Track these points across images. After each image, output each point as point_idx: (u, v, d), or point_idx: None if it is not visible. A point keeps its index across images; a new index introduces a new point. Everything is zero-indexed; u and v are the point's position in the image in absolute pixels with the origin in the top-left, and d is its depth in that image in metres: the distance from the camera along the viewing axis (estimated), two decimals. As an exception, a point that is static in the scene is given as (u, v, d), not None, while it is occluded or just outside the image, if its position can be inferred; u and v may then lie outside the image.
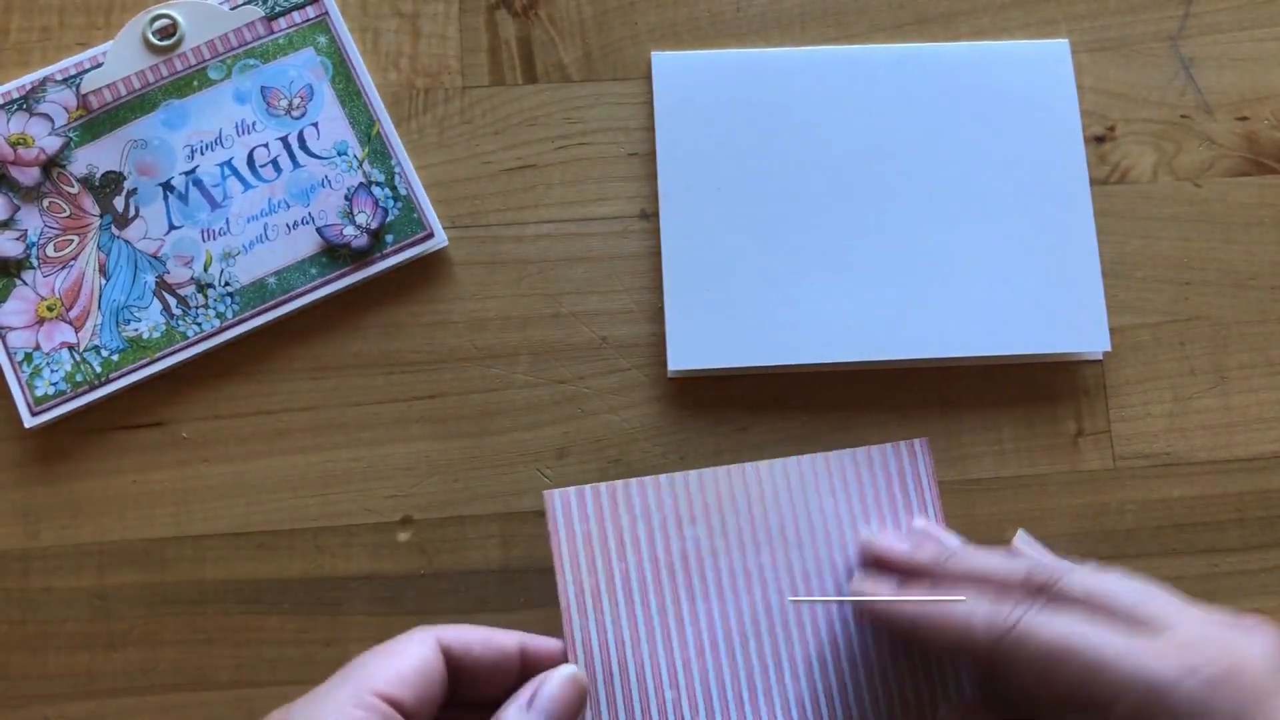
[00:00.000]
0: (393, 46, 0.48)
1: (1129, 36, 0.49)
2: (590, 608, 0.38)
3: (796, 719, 0.38)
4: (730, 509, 0.39)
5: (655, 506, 0.39)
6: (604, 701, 0.37)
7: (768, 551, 0.39)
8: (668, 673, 0.38)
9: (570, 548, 0.38)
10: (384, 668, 0.32)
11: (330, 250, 0.45)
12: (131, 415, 0.45)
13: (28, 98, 0.46)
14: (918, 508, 0.40)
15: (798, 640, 0.39)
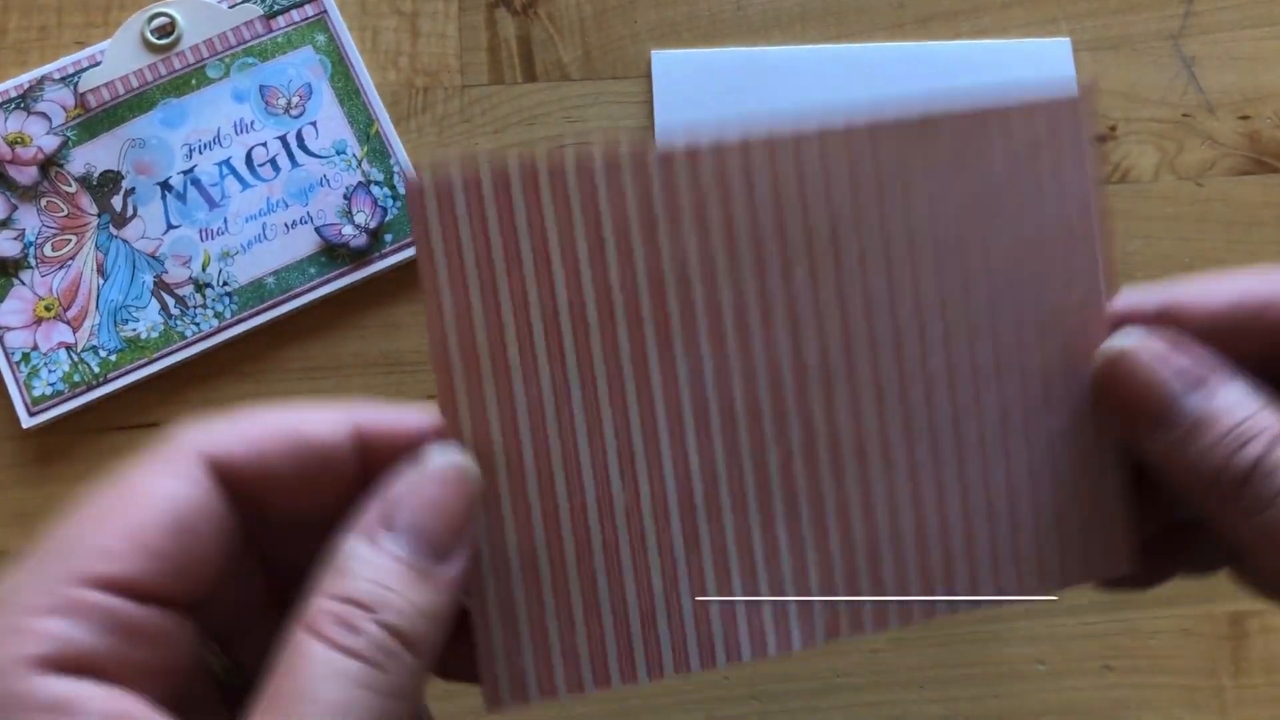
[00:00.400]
0: (392, 45, 0.48)
1: (1130, 35, 0.49)
2: (487, 367, 0.23)
3: (814, 544, 0.25)
4: (745, 196, 0.24)
5: (609, 200, 0.23)
6: (506, 504, 0.23)
7: (814, 266, 0.24)
8: (618, 463, 0.24)
9: (452, 268, 0.23)
10: (109, 526, 0.20)
11: (329, 250, 0.45)
12: (129, 415, 0.45)
13: (25, 96, 0.46)
14: (1062, 192, 0.25)
15: (856, 409, 0.24)
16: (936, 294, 0.25)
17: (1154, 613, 0.44)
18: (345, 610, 0.19)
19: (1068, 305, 0.25)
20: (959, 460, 0.25)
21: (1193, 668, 0.44)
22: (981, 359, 0.25)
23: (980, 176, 0.25)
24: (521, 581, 0.23)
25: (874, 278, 0.24)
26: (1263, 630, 0.44)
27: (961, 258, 0.25)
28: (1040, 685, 0.44)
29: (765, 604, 0.24)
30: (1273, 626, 0.44)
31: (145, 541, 0.20)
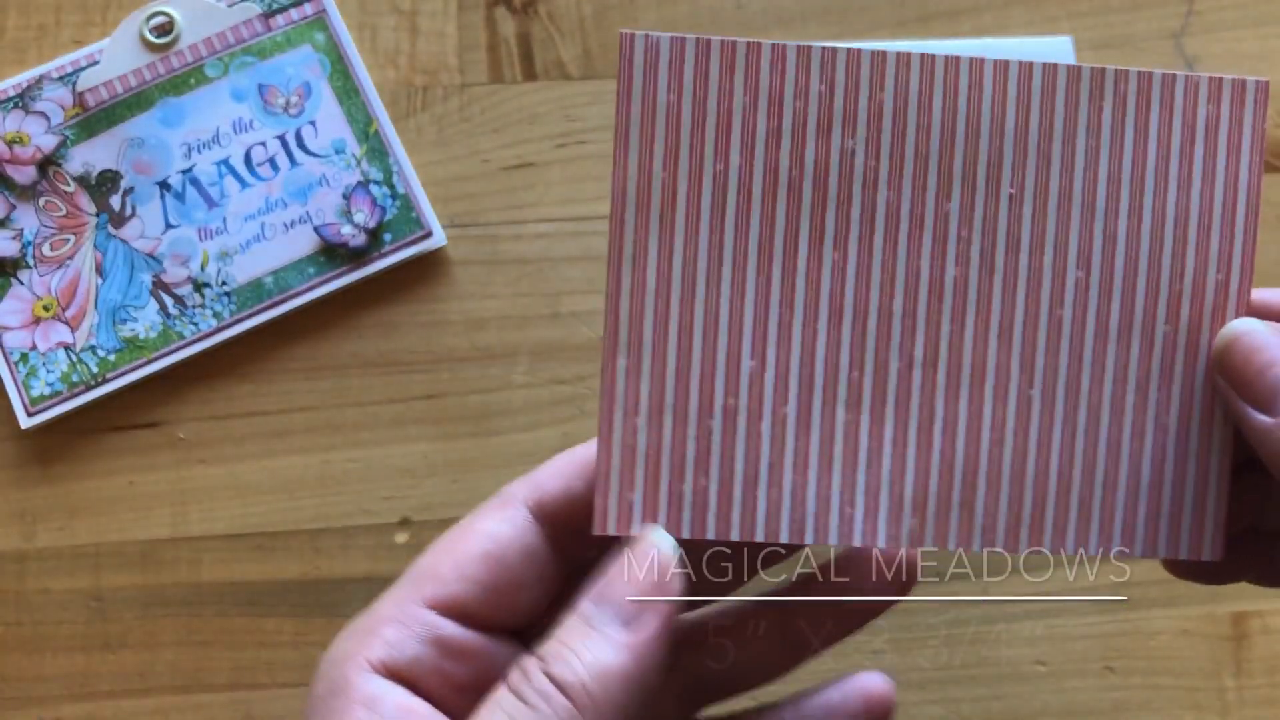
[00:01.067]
0: (391, 44, 0.48)
1: (1132, 34, 0.49)
2: (656, 217, 0.25)
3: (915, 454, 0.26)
4: (921, 120, 0.25)
5: (794, 90, 0.25)
6: (647, 352, 0.25)
7: (968, 195, 0.25)
8: (752, 335, 0.25)
9: (644, 122, 0.25)
10: (446, 559, 0.25)
11: (328, 249, 0.45)
12: (128, 416, 0.45)
13: (24, 95, 0.45)
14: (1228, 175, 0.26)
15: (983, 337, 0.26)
16: (1079, 248, 0.26)
17: (1155, 613, 0.44)
18: (529, 665, 0.23)
19: (1206, 284, 0.26)
20: (1069, 407, 0.26)
21: (1194, 669, 0.44)
22: (1111, 317, 0.26)
23: (1147, 141, 0.26)
24: (646, 427, 0.25)
25: (1022, 219, 0.25)
26: (1264, 631, 0.44)
27: (1110, 220, 0.26)
28: (1041, 686, 0.44)
29: (860, 496, 0.25)
30: (1274, 627, 0.44)
31: (467, 570, 0.25)
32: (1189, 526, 0.26)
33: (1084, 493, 0.26)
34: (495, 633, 0.26)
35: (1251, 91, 0.26)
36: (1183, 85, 0.26)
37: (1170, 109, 0.26)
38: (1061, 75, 0.25)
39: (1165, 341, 0.26)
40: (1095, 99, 0.25)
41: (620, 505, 0.25)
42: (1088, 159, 0.25)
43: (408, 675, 0.25)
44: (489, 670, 0.25)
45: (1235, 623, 0.44)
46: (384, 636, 0.25)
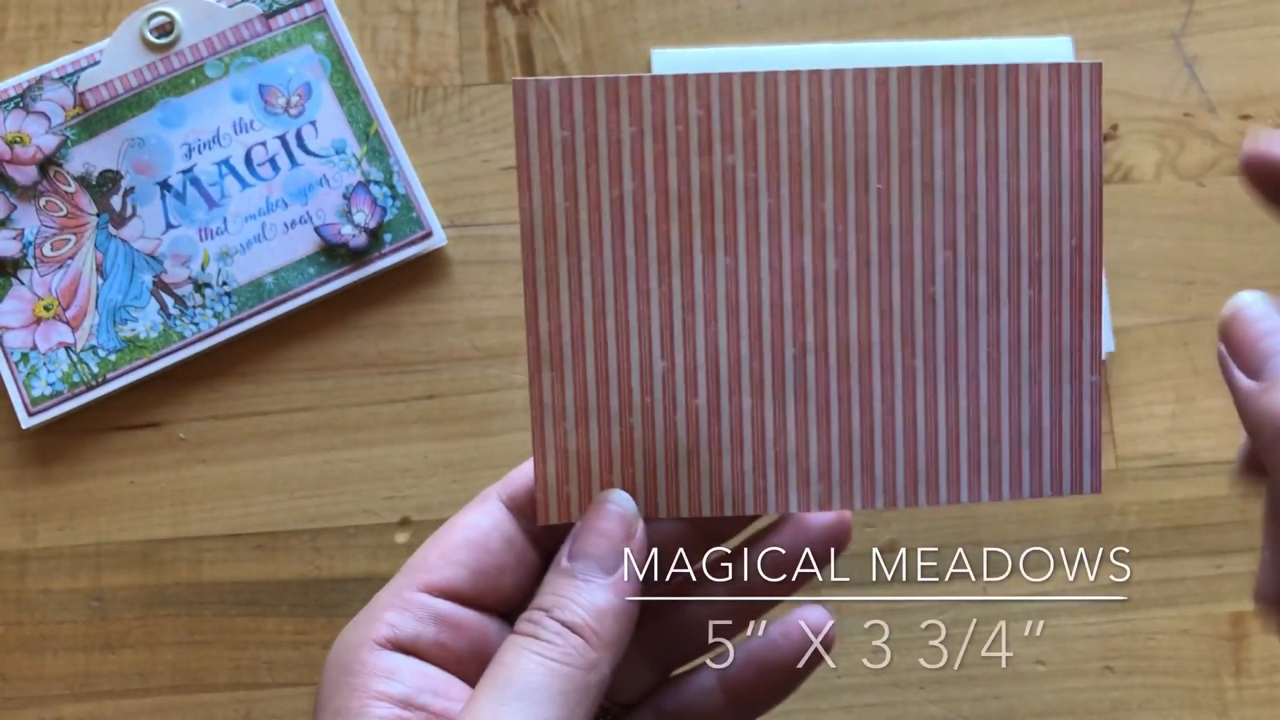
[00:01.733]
0: (391, 44, 0.48)
1: (1131, 35, 0.49)
2: (563, 243, 0.28)
3: (816, 430, 0.28)
4: (791, 131, 0.27)
5: (674, 116, 0.27)
6: (568, 365, 0.28)
7: (840, 194, 0.28)
8: (660, 339, 0.28)
9: (543, 159, 0.27)
10: (431, 551, 0.29)
11: (328, 249, 0.45)
12: (128, 416, 0.45)
13: (24, 96, 0.45)
14: (1071, 150, 0.28)
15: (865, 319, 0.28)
16: (944, 230, 0.28)
17: (1155, 613, 0.44)
18: (535, 615, 0.27)
19: (1062, 250, 0.29)
20: (949, 373, 0.29)
21: (1194, 668, 0.44)
22: (979, 289, 0.28)
23: (997, 128, 0.28)
24: (574, 430, 0.28)
25: (890, 211, 0.28)
26: (1263, 631, 0.44)
27: (969, 202, 0.28)
28: (1040, 686, 0.44)
29: (770, 470, 0.28)
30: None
31: (453, 557, 0.28)
32: (1069, 466, 0.29)
33: (971, 448, 0.29)
34: (485, 612, 0.29)
35: (1087, 74, 0.28)
36: (1025, 74, 0.28)
37: (1015, 97, 0.28)
38: (915, 77, 0.28)
39: (1031, 305, 0.29)
40: (947, 95, 0.28)
41: (559, 498, 0.28)
42: (945, 150, 0.28)
43: (413, 649, 0.28)
44: (483, 643, 0.28)
45: (1234, 623, 0.44)
46: (386, 620, 0.28)
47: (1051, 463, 0.29)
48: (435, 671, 0.28)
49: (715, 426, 0.28)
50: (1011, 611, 0.44)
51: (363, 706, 0.26)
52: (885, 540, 0.44)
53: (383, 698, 0.26)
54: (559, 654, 0.26)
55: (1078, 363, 0.29)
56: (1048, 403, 0.29)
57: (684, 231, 0.28)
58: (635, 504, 0.28)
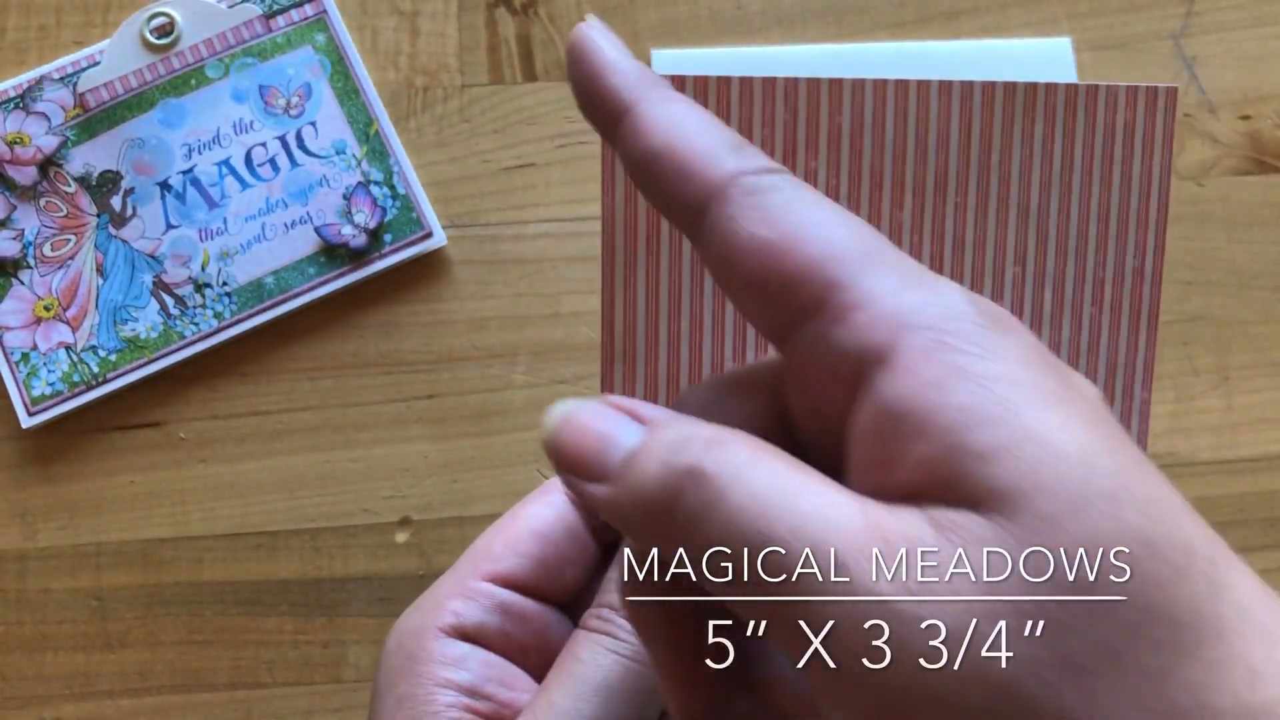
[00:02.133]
0: (391, 45, 0.48)
1: (1131, 35, 0.49)
2: (643, 242, 0.27)
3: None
4: (875, 139, 0.28)
5: (761, 120, 0.27)
6: (640, 361, 0.28)
7: (918, 204, 0.28)
8: (732, 341, 0.28)
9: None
10: (495, 540, 0.28)
11: (328, 250, 0.45)
12: (129, 415, 0.45)
13: (24, 96, 0.46)
14: (1143, 172, 0.29)
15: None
16: (1016, 246, 0.29)
17: (1154, 613, 0.44)
18: (605, 613, 0.26)
19: (1125, 270, 0.29)
20: None
21: (1193, 668, 0.44)
22: (1045, 304, 0.29)
23: (1073, 147, 0.29)
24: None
25: (966, 224, 0.29)
26: None
27: (1042, 219, 0.29)
28: (1040, 686, 0.44)
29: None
30: (1273, 627, 0.44)
31: (517, 547, 0.28)
32: None
33: None
34: (546, 603, 0.29)
35: (1162, 97, 0.29)
36: (1102, 95, 0.28)
37: (1093, 116, 0.29)
38: (998, 92, 0.28)
39: (1091, 322, 0.29)
40: (1028, 112, 0.28)
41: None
42: (1022, 167, 0.28)
43: (477, 638, 0.27)
44: (547, 635, 0.28)
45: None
46: (450, 608, 0.27)
47: None
48: (500, 661, 0.27)
49: None
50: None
51: (429, 694, 0.26)
52: (885, 540, 0.44)
53: (450, 685, 0.26)
54: (633, 653, 0.26)
55: (1130, 379, 0.29)
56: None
57: None
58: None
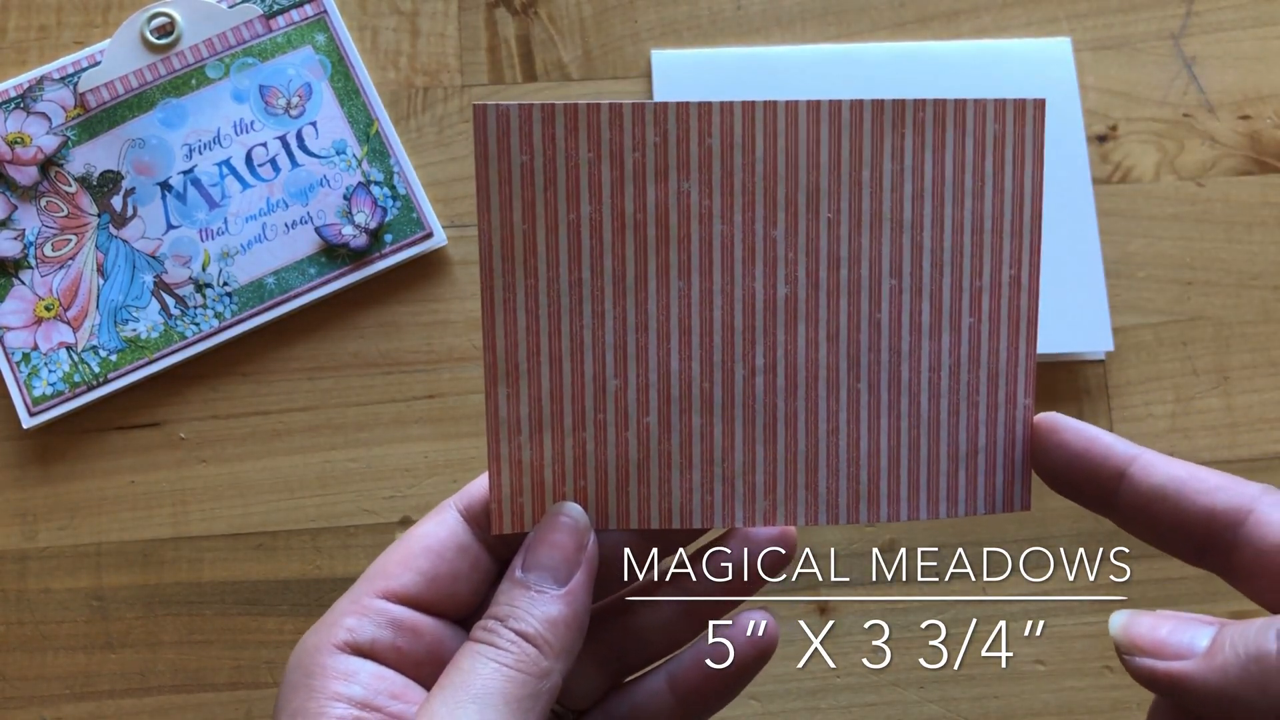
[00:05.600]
0: (392, 45, 0.48)
1: (1131, 35, 0.49)
2: (520, 263, 0.28)
3: (763, 448, 0.29)
4: (745, 159, 0.28)
5: (632, 144, 0.28)
6: (523, 381, 0.28)
7: (791, 221, 0.28)
8: (613, 358, 0.29)
9: (502, 182, 0.28)
10: (390, 559, 0.29)
11: (329, 250, 0.45)
12: (129, 415, 0.45)
13: (25, 96, 0.46)
14: (1014, 184, 0.29)
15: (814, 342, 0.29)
16: (891, 259, 0.29)
17: (1154, 613, 0.44)
18: (490, 624, 0.27)
19: (1002, 280, 0.29)
20: (892, 395, 0.29)
21: (1193, 668, 0.44)
22: (923, 315, 0.29)
23: (944, 160, 0.29)
24: (529, 444, 0.29)
25: (840, 239, 0.29)
26: None
27: (915, 231, 0.29)
28: (1040, 685, 0.44)
29: (718, 485, 0.29)
30: (1273, 627, 0.44)
31: (410, 564, 0.29)
32: (1001, 486, 0.30)
33: (911, 467, 0.30)
34: (441, 618, 0.30)
35: (1030, 110, 0.29)
36: (971, 109, 0.29)
37: (962, 129, 0.29)
38: (867, 109, 0.28)
39: (970, 332, 0.30)
40: (897, 127, 0.28)
41: (513, 509, 0.29)
42: (893, 181, 0.29)
43: (370, 653, 0.28)
44: (439, 648, 0.29)
45: (1234, 622, 0.44)
46: (345, 625, 0.28)
47: (985, 482, 0.30)
48: (392, 675, 0.28)
49: (666, 443, 0.29)
50: (1011, 611, 0.44)
51: (321, 707, 0.27)
52: (885, 540, 0.44)
53: (340, 699, 0.27)
54: (513, 661, 0.27)
55: (1012, 388, 0.30)
56: (983, 425, 0.30)
57: (639, 255, 0.28)
58: (587, 516, 0.29)
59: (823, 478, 0.29)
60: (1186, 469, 0.27)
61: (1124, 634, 0.27)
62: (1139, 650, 0.27)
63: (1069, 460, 0.28)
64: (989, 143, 0.29)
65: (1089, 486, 0.28)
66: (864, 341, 0.29)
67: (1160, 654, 0.26)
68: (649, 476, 0.29)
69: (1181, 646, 0.26)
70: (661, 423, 0.29)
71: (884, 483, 0.30)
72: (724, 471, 0.29)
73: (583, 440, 0.29)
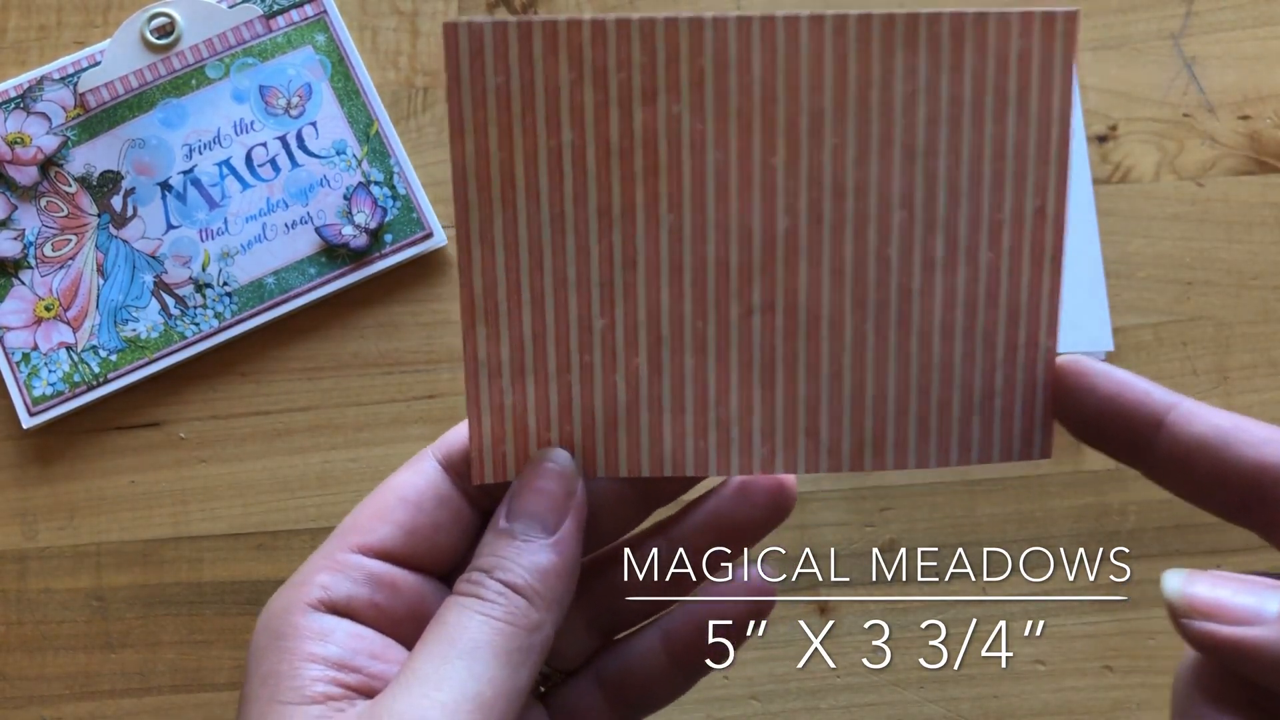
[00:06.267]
0: (392, 45, 0.48)
1: (1131, 35, 0.49)
2: (497, 195, 0.26)
3: (760, 391, 0.27)
4: (741, 80, 0.26)
5: (615, 62, 0.25)
6: (504, 320, 0.27)
7: (792, 149, 0.26)
8: (600, 295, 0.27)
9: (476, 106, 0.25)
10: (364, 512, 0.27)
11: (329, 250, 0.45)
12: (129, 415, 0.45)
13: (25, 96, 0.46)
14: (1041, 105, 0.26)
15: (815, 279, 0.27)
16: (901, 189, 0.26)
17: (1154, 613, 0.44)
18: (475, 575, 0.26)
19: (1025, 212, 0.27)
20: (900, 335, 0.27)
21: (1193, 668, 0.44)
22: (936, 249, 0.27)
23: (962, 80, 0.26)
24: (511, 388, 0.27)
25: (845, 167, 0.26)
26: None
27: (929, 159, 0.26)
28: (1040, 685, 0.44)
29: (712, 431, 0.27)
30: (1273, 627, 0.44)
31: (387, 517, 0.27)
32: (1019, 431, 0.28)
33: (921, 413, 0.27)
34: (421, 573, 0.28)
35: (1060, 22, 0.26)
36: (994, 23, 0.26)
37: (983, 47, 0.26)
38: (876, 24, 0.25)
39: (989, 267, 0.27)
40: (910, 44, 0.26)
41: (495, 457, 0.27)
42: (905, 103, 0.26)
43: (347, 611, 0.26)
44: (420, 604, 0.27)
45: (1234, 622, 0.44)
46: (318, 582, 0.26)
47: (1002, 429, 0.28)
48: (371, 633, 0.26)
49: (656, 386, 0.27)
50: (1011, 611, 0.44)
51: (294, 669, 0.25)
52: (885, 540, 0.44)
53: (316, 659, 0.25)
54: (502, 614, 0.25)
55: (1034, 328, 0.27)
56: (1001, 368, 0.27)
57: (625, 185, 0.26)
58: (574, 462, 0.27)
59: (824, 424, 0.27)
60: (1231, 419, 0.24)
61: (1180, 596, 0.25)
62: (1198, 613, 0.24)
63: (1098, 406, 0.26)
64: (1013, 60, 0.26)
65: (1120, 433, 0.26)
66: (871, 279, 0.27)
67: (1222, 617, 0.24)
68: (639, 422, 0.27)
69: (1247, 611, 0.24)
70: (652, 364, 0.27)
71: (890, 429, 0.27)
72: (719, 416, 0.27)
73: (568, 383, 0.27)
